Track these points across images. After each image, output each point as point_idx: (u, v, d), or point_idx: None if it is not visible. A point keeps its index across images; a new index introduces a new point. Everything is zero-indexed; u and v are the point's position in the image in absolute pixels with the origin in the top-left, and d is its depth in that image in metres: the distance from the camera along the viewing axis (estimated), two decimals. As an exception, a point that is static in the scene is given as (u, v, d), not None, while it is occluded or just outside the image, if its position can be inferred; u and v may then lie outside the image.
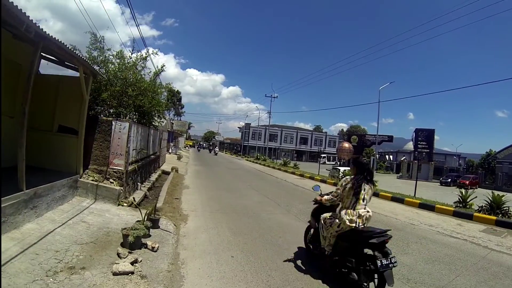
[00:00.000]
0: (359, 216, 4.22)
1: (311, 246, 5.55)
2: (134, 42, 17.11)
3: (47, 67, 8.31)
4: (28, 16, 4.17)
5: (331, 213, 4.82)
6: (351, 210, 4.29)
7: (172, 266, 4.54)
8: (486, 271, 5.56)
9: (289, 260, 5.31)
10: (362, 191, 4.32)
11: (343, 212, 4.37)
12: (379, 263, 3.80)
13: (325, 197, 5.02)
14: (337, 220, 4.43)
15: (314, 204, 5.49)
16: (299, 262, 5.23)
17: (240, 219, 8.13)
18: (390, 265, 3.85)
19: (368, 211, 4.35)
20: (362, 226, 4.25)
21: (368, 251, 4.18)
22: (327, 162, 62.18)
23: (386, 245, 4.13)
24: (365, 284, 4.05)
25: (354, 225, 4.19)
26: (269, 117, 57.96)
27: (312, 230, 5.55)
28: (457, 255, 6.38)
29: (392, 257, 3.95)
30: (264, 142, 66.65)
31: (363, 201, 4.30)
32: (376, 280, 3.96)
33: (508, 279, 5.24)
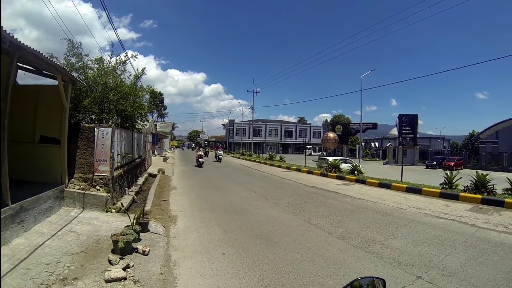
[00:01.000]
0: (219, 153, 32.44)
1: (215, 158, 31.84)
2: (112, 46, 16.94)
3: (24, 77, 8.16)
4: (2, 27, 4.12)
5: (215, 152, 34.65)
6: (199, 152, 25.22)
7: (164, 268, 4.59)
8: (474, 249, 5.75)
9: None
10: (201, 149, 27.35)
11: (197, 152, 25.77)
12: (219, 156, 31.93)
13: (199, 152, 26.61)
14: (197, 154, 25.44)
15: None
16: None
17: (229, 216, 8.21)
18: (220, 156, 31.74)
19: (220, 153, 32.46)
20: (219, 154, 32.01)
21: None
22: (313, 153, 62.66)
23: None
24: (217, 160, 31.53)
25: (216, 154, 32.85)
26: (252, 112, 58.08)
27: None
28: (445, 235, 6.58)
29: (220, 155, 31.96)
30: (249, 138, 66.79)
31: (219, 152, 32.71)
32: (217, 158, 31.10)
33: (497, 255, 5.43)
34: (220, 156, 32.00)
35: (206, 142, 75.54)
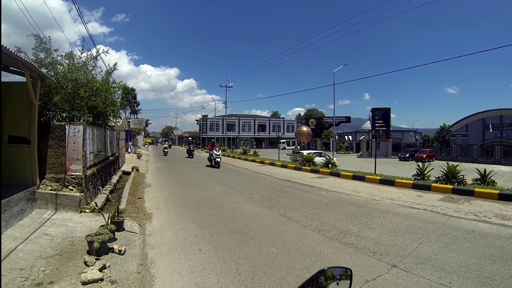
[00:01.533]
0: (216, 154, 21.20)
1: (209, 163, 21.81)
2: (83, 41, 16.47)
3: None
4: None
5: (209, 153, 22.63)
6: (212, 151, 21.41)
7: (141, 267, 4.58)
8: (446, 237, 6.03)
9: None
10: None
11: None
12: (216, 158, 20.94)
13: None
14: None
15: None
16: (207, 168, 20.27)
17: (204, 211, 8.23)
18: (217, 159, 20.84)
19: (218, 155, 21.03)
20: (216, 156, 21.05)
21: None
22: (286, 147, 63.14)
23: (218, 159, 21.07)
24: (214, 164, 20.86)
25: (212, 156, 21.41)
26: (225, 107, 57.91)
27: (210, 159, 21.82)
28: (418, 225, 6.84)
29: (217, 157, 20.96)
30: (223, 133, 66.69)
31: (216, 151, 21.12)
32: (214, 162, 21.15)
33: (468, 242, 5.70)
34: (218, 159, 21.13)
35: (190, 139, 74.26)
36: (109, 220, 5.62)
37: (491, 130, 46.61)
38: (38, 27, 11.11)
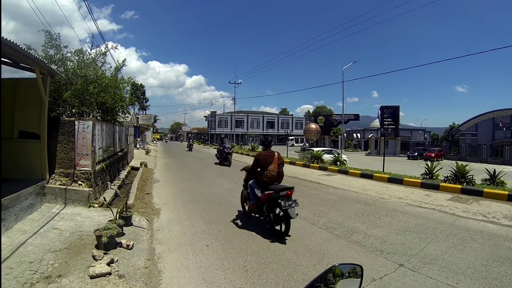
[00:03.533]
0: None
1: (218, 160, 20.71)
2: (93, 38, 16.57)
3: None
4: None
5: (166, 138, 17.81)
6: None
7: (148, 262, 4.60)
8: (454, 237, 5.97)
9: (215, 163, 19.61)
10: (164, 138, 17.41)
11: (165, 138, 16.89)
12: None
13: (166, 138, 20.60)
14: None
15: None
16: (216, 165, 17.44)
17: (212, 207, 8.27)
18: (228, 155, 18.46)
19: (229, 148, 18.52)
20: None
21: None
22: (295, 144, 63.08)
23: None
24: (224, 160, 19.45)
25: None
26: (234, 103, 57.89)
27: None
28: (426, 224, 6.79)
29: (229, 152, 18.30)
30: (231, 129, 66.73)
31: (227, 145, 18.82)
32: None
33: (476, 243, 5.65)
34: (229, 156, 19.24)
35: (190, 135, 74.45)
36: (118, 215, 5.65)
37: (503, 129, 46.05)
38: (49, 24, 11.19)
